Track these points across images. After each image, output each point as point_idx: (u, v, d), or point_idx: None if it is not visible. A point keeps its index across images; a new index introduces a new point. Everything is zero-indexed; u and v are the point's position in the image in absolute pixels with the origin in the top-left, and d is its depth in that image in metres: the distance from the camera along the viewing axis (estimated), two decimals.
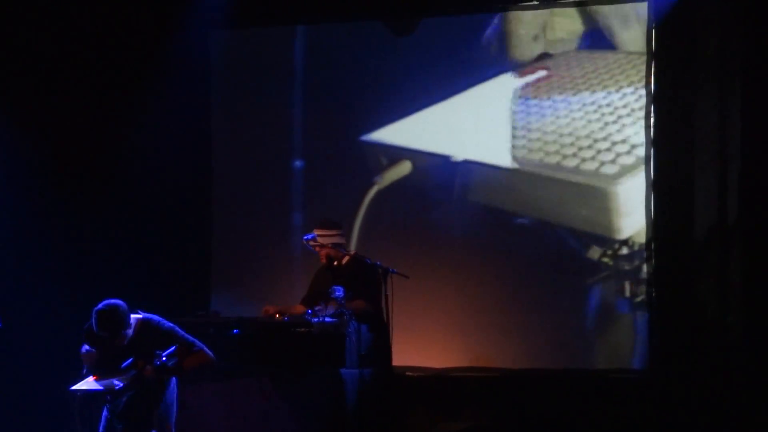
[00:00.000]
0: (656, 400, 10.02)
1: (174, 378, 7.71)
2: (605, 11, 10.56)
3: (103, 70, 11.21)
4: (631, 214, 10.40)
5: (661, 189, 10.24)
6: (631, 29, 10.47)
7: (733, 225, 9.82)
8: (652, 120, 10.30)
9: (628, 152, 10.43)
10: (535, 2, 10.71)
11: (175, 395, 7.77)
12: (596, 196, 10.48)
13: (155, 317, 7.62)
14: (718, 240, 9.91)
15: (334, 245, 9.39)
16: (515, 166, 10.75)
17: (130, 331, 7.45)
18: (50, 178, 11.02)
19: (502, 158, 10.79)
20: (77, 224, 10.97)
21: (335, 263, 9.46)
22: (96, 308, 7.33)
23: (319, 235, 9.37)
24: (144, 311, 7.64)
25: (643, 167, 10.35)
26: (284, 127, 11.48)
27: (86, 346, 7.53)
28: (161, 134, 11.06)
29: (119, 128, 11.12)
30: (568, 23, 10.68)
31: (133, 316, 7.49)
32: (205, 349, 7.65)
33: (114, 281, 7.75)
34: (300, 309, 9.38)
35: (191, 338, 7.62)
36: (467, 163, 10.90)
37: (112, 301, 7.37)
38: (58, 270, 10.77)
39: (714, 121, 9.96)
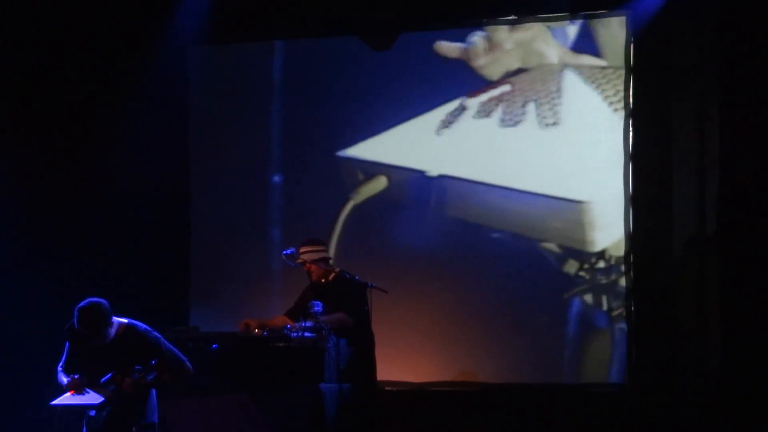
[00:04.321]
0: (635, 413, 10.03)
1: (154, 393, 7.68)
2: (582, 26, 10.61)
3: (79, 85, 11.15)
4: (606, 227, 10.44)
5: (639, 202, 10.29)
6: (606, 44, 10.52)
7: (712, 237, 9.88)
8: (631, 133, 10.35)
9: (601, 166, 10.47)
10: (513, 17, 10.75)
11: (155, 411, 7.73)
12: (571, 209, 10.51)
13: (142, 325, 7.60)
14: (697, 252, 9.97)
15: (322, 260, 9.36)
16: (490, 180, 10.76)
17: (112, 331, 7.43)
18: (27, 194, 10.95)
19: (478, 173, 10.81)
20: (55, 238, 10.92)
21: (323, 280, 9.42)
22: (78, 305, 7.35)
23: (306, 252, 9.34)
24: (130, 318, 7.62)
25: (617, 180, 10.39)
26: (262, 142, 11.47)
27: (68, 378, 7.49)
28: (139, 149, 11.02)
29: (96, 144, 11.08)
30: (543, 38, 10.72)
31: (117, 319, 7.47)
32: (186, 362, 7.62)
33: (93, 296, 7.72)
34: (279, 321, 9.36)
35: (175, 350, 7.59)
36: (443, 178, 10.92)
37: (94, 299, 7.40)
38: (37, 284, 10.69)
39: (692, 134, 10.03)
